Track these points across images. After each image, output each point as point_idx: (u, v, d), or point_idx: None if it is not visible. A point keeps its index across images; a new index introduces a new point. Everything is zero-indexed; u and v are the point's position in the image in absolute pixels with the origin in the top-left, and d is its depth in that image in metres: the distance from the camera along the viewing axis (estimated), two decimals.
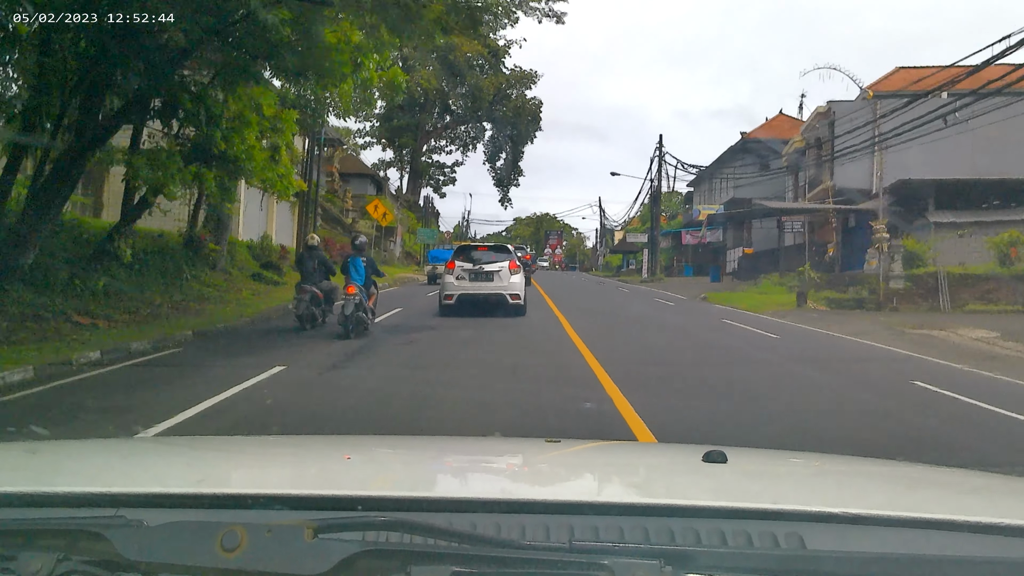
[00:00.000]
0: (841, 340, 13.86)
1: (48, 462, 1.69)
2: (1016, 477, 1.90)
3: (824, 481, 1.78)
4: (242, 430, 5.86)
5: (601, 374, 8.58)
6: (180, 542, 1.07)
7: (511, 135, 60.81)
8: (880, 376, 10.07)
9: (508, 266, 15.29)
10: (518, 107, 58.82)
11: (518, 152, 62.11)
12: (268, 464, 1.86)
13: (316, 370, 8.82)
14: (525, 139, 61.02)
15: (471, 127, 63.72)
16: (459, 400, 7.31)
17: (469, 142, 64.03)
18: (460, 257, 15.74)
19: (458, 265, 15.42)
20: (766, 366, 10.54)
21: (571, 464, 1.98)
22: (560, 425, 6.22)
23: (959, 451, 5.89)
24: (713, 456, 1.62)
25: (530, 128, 60.30)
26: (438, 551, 1.07)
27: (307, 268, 12.77)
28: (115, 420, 6.14)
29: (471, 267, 15.28)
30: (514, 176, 63.38)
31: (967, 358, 11.58)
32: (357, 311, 11.54)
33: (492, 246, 16.70)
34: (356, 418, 6.47)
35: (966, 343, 13.52)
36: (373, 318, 12.62)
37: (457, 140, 64.20)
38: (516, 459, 2.01)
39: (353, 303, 11.46)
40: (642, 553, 1.06)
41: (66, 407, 6.86)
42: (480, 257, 15.52)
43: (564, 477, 1.81)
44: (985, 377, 9.97)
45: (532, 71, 59.04)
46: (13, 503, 1.23)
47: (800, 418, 7.01)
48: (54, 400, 7.12)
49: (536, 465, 1.92)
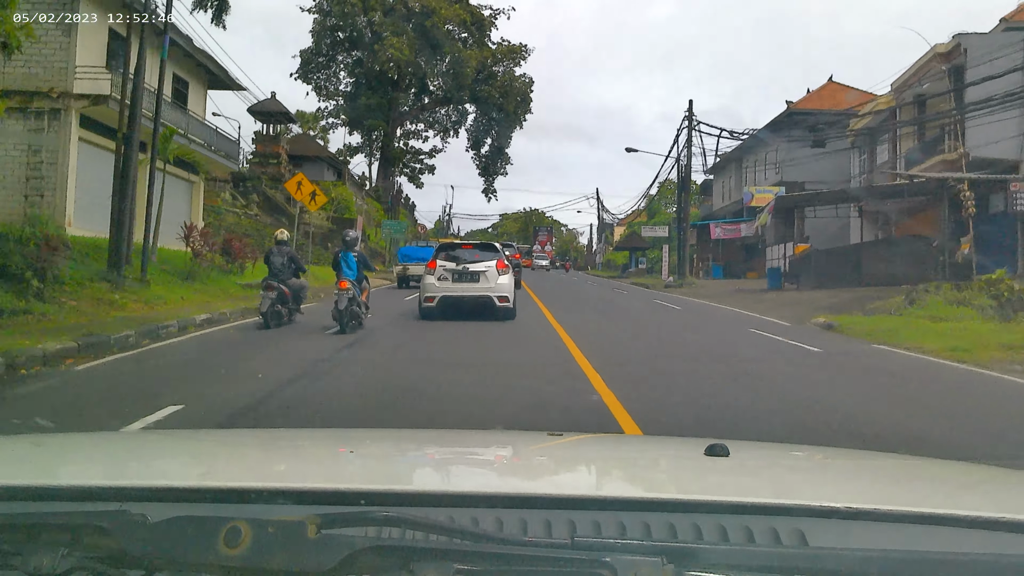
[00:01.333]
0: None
1: (53, 455, 1.71)
2: (1019, 471, 1.99)
3: (826, 475, 1.76)
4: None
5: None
6: (183, 537, 1.05)
7: (497, 118, 52.77)
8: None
9: (495, 266, 14.21)
10: (505, 85, 50.85)
11: (505, 137, 54.08)
12: (271, 457, 1.86)
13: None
14: (514, 122, 53.01)
15: (452, 109, 55.66)
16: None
17: (450, 127, 56.02)
18: (443, 256, 14.62)
19: (440, 265, 14.27)
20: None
21: (573, 458, 1.99)
22: None
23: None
24: (716, 450, 1.60)
25: (519, 110, 52.30)
26: (440, 547, 1.05)
27: (275, 264, 12.69)
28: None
29: (454, 267, 14.16)
30: (501, 164, 55.39)
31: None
32: (351, 305, 11.66)
33: (478, 244, 15.79)
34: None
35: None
36: (367, 312, 12.68)
37: (436, 124, 56.15)
38: (518, 453, 1.98)
39: (347, 298, 11.58)
40: (644, 550, 1.04)
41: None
42: (464, 256, 14.46)
43: (566, 471, 1.83)
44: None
45: (521, 45, 51.24)
46: (18, 497, 1.24)
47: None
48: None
49: (538, 459, 1.91)
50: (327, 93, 51.59)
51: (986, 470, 1.95)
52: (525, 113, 52.80)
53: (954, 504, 1.36)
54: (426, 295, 14.09)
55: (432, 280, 14.12)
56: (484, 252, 14.68)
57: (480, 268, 14.05)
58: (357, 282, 12.03)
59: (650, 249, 51.30)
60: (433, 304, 13.92)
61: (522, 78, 51.01)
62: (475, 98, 51.30)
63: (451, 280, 14.02)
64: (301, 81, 51.08)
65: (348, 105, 50.28)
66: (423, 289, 14.39)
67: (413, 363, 9.20)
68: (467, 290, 13.97)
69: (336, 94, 51.59)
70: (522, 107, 52.18)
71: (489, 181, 56.23)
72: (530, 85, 51.43)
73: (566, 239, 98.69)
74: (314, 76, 50.83)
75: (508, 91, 50.70)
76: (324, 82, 51.54)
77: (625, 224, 60.41)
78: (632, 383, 7.86)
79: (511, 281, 14.61)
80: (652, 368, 9.20)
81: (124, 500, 1.18)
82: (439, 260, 14.34)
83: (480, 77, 50.42)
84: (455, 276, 14.02)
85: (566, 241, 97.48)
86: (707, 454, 1.60)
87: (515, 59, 50.57)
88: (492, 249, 14.97)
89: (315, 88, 51.38)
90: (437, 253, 14.89)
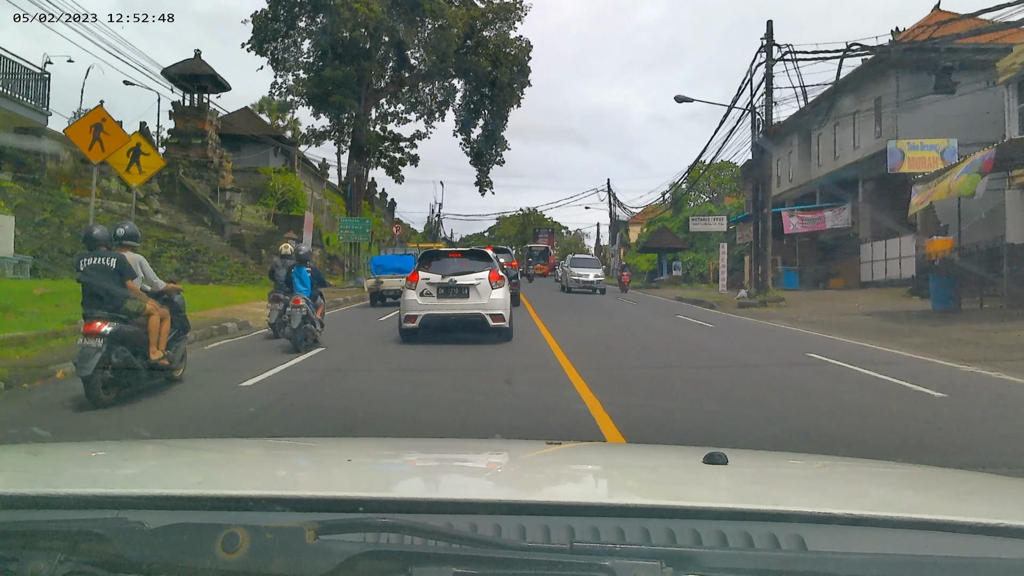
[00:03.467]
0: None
1: (49, 464, 1.71)
2: (1015, 478, 1.88)
3: (824, 483, 1.76)
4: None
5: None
6: (181, 544, 1.06)
7: (490, 94, 44.04)
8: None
9: (488, 277, 12.54)
10: (498, 52, 42.17)
11: (500, 116, 45.24)
12: (269, 466, 1.86)
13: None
14: (510, 98, 44.31)
15: (438, 88, 46.97)
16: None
17: (435, 108, 47.28)
18: (426, 267, 12.86)
19: (423, 277, 12.58)
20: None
21: (572, 465, 1.96)
22: None
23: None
24: (714, 458, 1.59)
25: (515, 82, 43.66)
26: (439, 552, 1.05)
27: (279, 278, 12.81)
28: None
29: (440, 280, 12.47)
30: (496, 150, 46.72)
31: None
32: (304, 323, 11.33)
33: (468, 251, 14.01)
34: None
35: None
36: (322, 329, 12.33)
37: (419, 105, 47.41)
38: (517, 460, 1.97)
39: (300, 315, 11.23)
40: (643, 554, 1.04)
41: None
42: (451, 266, 12.78)
43: (565, 478, 1.80)
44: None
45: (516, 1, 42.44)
46: (15, 505, 1.24)
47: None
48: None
49: (536, 466, 1.90)
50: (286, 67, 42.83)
51: (983, 477, 1.93)
52: (523, 86, 44.16)
53: (953, 510, 1.36)
54: (407, 314, 12.57)
55: (413, 296, 12.61)
56: (474, 261, 13.13)
57: (470, 281, 12.57)
58: (312, 299, 11.90)
59: (683, 251, 40.70)
60: (415, 325, 12.50)
61: (518, 42, 42.45)
62: (462, 70, 42.59)
63: (436, 296, 12.56)
64: (254, 52, 42.26)
65: (311, 78, 41.48)
66: (403, 307, 12.80)
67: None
68: (455, 307, 12.53)
69: (297, 66, 42.78)
70: (519, 78, 43.52)
71: (483, 171, 47.51)
72: (527, 51, 42.81)
73: (570, 241, 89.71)
74: (270, 46, 42.12)
75: (501, 59, 42.03)
76: (282, 53, 42.83)
77: (643, 220, 50.95)
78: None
79: (506, 295, 12.99)
80: None
81: (121, 508, 1.18)
82: (421, 272, 12.79)
83: (468, 45, 41.80)
84: (440, 291, 12.55)
85: (570, 243, 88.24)
86: (706, 462, 1.58)
87: (509, 19, 42.02)
88: (484, 257, 13.38)
89: (272, 62, 42.69)
90: (420, 263, 13.20)
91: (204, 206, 26.49)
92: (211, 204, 26.35)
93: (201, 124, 28.79)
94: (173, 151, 28.32)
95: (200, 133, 28.64)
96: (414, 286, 12.63)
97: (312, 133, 45.54)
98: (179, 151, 28.29)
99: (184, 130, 28.64)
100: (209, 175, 28.39)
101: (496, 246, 34.81)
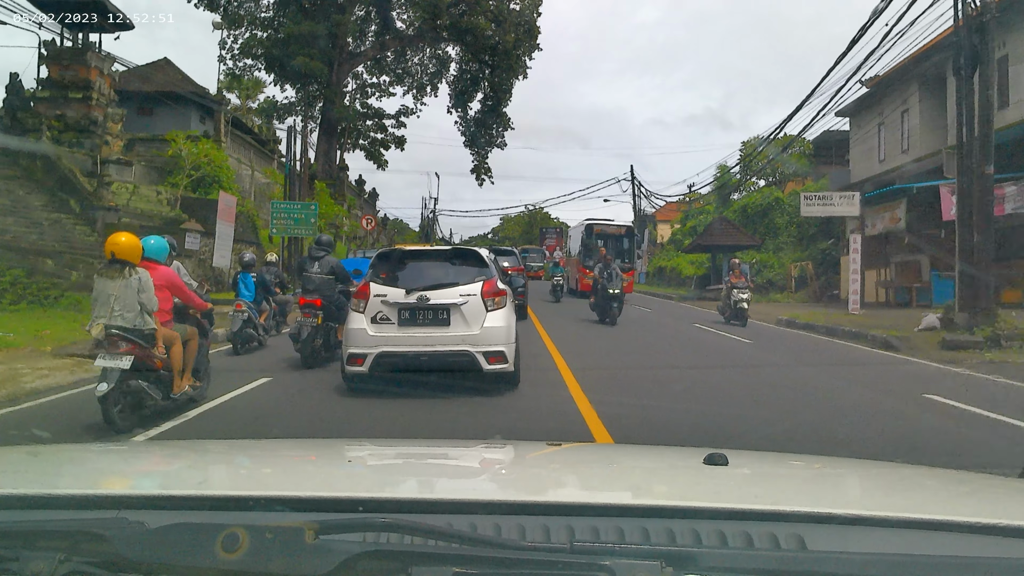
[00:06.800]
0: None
1: (50, 465, 1.70)
2: (1013, 478, 1.87)
3: (824, 483, 1.76)
4: None
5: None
6: (181, 543, 1.06)
7: (490, 61, 36.13)
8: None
9: (481, 291, 8.02)
10: (500, 9, 34.26)
11: (502, 90, 37.27)
12: (269, 466, 1.84)
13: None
14: (514, 69, 36.37)
15: (428, 55, 39.13)
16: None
17: (427, 80, 39.43)
18: (383, 274, 8.36)
19: (377, 293, 8.11)
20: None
21: (572, 466, 1.95)
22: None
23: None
24: (714, 459, 1.58)
25: (521, 48, 35.68)
26: (439, 552, 1.05)
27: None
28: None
29: (403, 298, 8.01)
30: (497, 128, 38.68)
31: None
32: (245, 328, 11.39)
33: (450, 251, 9.14)
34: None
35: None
36: (266, 334, 12.31)
37: (407, 76, 39.58)
38: (517, 461, 1.97)
39: (241, 320, 11.34)
40: (643, 554, 1.04)
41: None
42: (424, 274, 8.24)
43: (565, 479, 1.79)
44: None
45: None
46: (15, 505, 1.23)
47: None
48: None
49: (536, 467, 1.90)
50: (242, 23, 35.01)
51: (981, 478, 1.94)
52: (530, 52, 36.17)
53: (951, 510, 1.35)
54: (351, 351, 8.08)
55: (361, 324, 8.05)
56: (459, 266, 8.35)
57: (451, 298, 7.95)
58: (256, 304, 11.91)
59: (748, 249, 29.41)
60: (363, 367, 7.97)
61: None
62: (457, 32, 34.69)
63: (396, 322, 8.02)
64: (205, 8, 34.42)
65: (270, 37, 33.61)
66: (346, 339, 8.29)
67: None
68: (427, 341, 7.93)
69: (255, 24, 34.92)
70: (525, 44, 35.59)
71: (481, 156, 39.65)
72: (536, 6, 34.76)
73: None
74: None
75: (504, 18, 34.09)
76: (237, 8, 35.01)
77: (678, 212, 42.26)
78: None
79: (510, 320, 8.22)
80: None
81: (121, 508, 1.18)
82: (376, 284, 8.19)
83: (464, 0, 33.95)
84: (404, 315, 8.01)
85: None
86: (706, 463, 1.59)
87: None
88: (474, 261, 8.50)
89: (225, 18, 34.89)
90: (373, 270, 8.44)
91: (72, 185, 18.52)
92: (79, 182, 18.35)
93: (84, 72, 20.80)
94: (43, 108, 20.42)
95: (83, 84, 20.69)
96: (362, 306, 8.23)
97: (272, 106, 37.67)
98: (51, 108, 20.38)
99: (60, 80, 20.69)
100: (94, 142, 20.39)
101: (496, 247, 26.70)
